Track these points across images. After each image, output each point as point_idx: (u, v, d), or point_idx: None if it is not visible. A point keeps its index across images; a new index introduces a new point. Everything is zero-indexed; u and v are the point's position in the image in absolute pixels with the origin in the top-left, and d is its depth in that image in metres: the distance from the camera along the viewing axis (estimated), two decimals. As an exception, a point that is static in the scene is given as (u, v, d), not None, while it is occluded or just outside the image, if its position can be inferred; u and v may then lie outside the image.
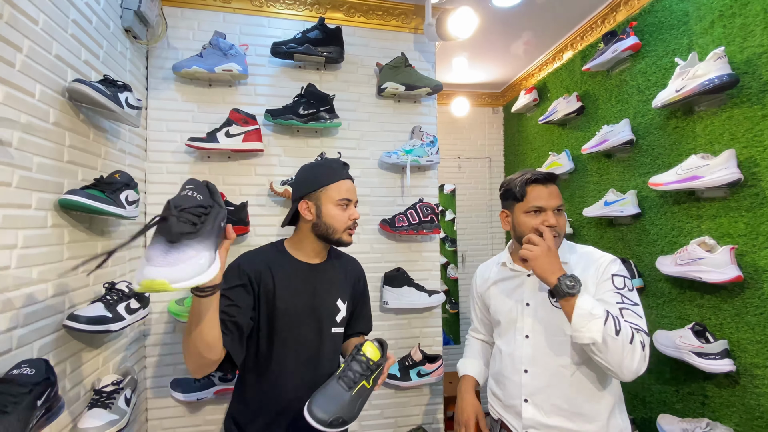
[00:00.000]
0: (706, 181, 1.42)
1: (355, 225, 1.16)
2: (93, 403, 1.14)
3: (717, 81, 1.36)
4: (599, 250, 1.18)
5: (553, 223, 1.11)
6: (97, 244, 1.24)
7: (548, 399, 1.09)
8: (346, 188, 1.14)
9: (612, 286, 1.05)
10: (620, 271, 1.09)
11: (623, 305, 1.02)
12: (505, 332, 1.22)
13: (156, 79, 1.66)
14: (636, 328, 0.98)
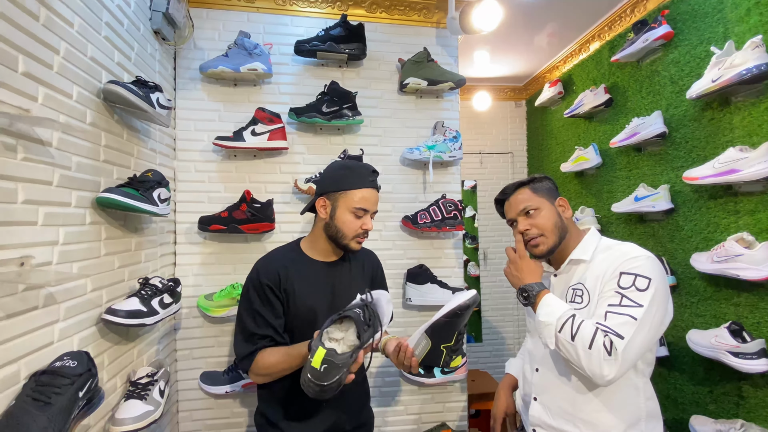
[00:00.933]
0: (744, 175, 1.35)
1: (366, 235, 1.15)
2: (129, 395, 1.17)
3: (755, 70, 1.30)
4: (633, 245, 1.06)
5: (521, 228, 1.12)
6: (131, 241, 1.29)
7: (554, 400, 1.08)
8: (366, 197, 1.12)
9: (616, 284, 0.96)
10: (635, 268, 0.96)
11: (616, 307, 0.93)
12: (532, 330, 1.21)
13: (183, 80, 1.70)
14: (605, 331, 0.90)
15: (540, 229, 1.09)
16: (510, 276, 1.12)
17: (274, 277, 1.10)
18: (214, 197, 1.69)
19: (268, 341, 1.08)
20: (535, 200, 1.11)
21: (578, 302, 1.04)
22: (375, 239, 1.85)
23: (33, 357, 0.85)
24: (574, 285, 1.07)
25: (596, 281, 1.02)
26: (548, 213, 1.10)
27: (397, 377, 1.84)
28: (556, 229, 1.09)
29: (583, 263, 1.09)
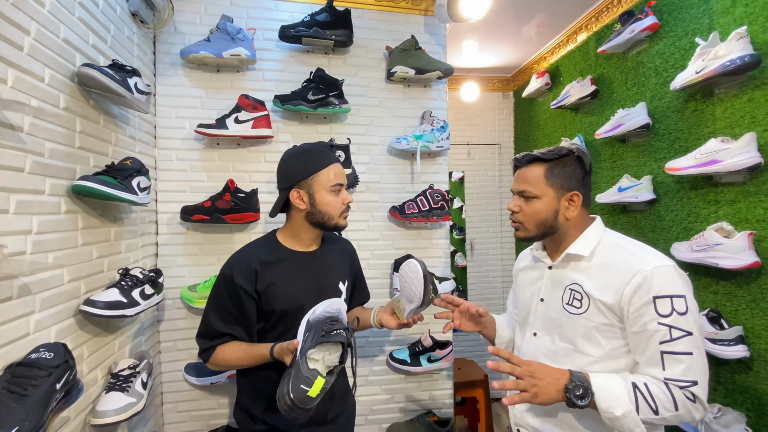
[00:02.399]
0: (725, 165, 1.38)
1: (349, 208, 1.16)
2: (110, 387, 1.16)
3: (739, 62, 1.32)
4: (646, 246, 0.96)
5: (510, 207, 1.05)
6: (110, 231, 1.25)
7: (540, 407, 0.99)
8: (338, 172, 1.13)
9: (655, 313, 0.84)
10: (664, 288, 0.85)
11: (669, 344, 0.83)
12: (521, 325, 1.14)
13: (163, 65, 1.64)
14: (680, 385, 0.82)
15: (525, 218, 1.01)
16: (536, 389, 0.85)
17: (250, 277, 1.07)
18: (196, 186, 1.66)
19: (230, 338, 1.08)
20: (539, 187, 0.98)
21: (576, 306, 0.95)
22: (362, 229, 1.84)
23: (8, 349, 0.82)
24: (571, 285, 0.97)
25: (600, 287, 0.92)
26: (545, 207, 0.98)
27: (384, 366, 1.85)
28: (541, 225, 1.00)
29: (582, 260, 0.98)
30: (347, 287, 1.24)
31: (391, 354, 1.82)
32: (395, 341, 1.87)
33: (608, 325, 0.91)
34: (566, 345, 0.97)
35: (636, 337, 0.88)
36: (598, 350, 0.93)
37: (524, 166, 1.03)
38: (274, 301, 1.08)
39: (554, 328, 1.00)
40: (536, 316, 1.06)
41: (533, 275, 1.11)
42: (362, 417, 1.82)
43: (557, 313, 1.00)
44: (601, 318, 0.91)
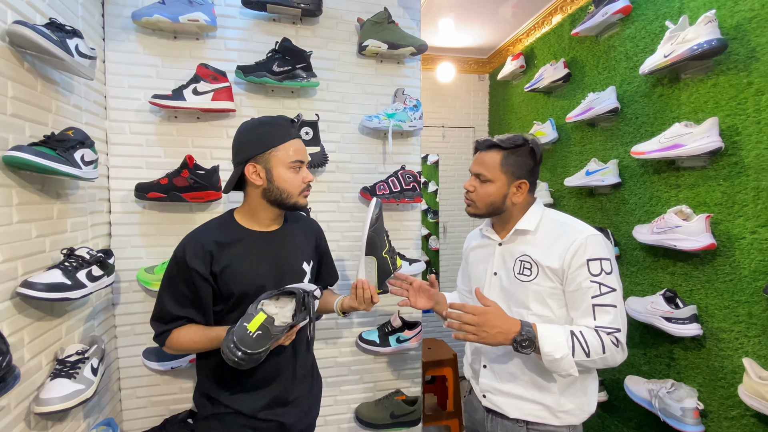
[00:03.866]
0: (687, 150, 1.41)
1: (309, 187, 1.11)
2: (56, 373, 1.09)
3: (706, 46, 1.33)
4: (579, 221, 1.11)
5: (465, 186, 1.16)
6: (52, 208, 1.15)
7: (504, 366, 1.11)
8: (299, 148, 1.08)
9: (587, 273, 1.00)
10: (595, 252, 1.01)
11: (599, 298, 0.99)
12: (474, 299, 1.21)
13: (114, 29, 1.51)
14: (606, 331, 0.98)
15: (478, 198, 1.13)
16: (485, 335, 0.98)
17: (204, 259, 1.01)
18: (152, 162, 1.55)
19: (185, 321, 1.03)
20: (494, 173, 1.10)
21: (527, 275, 1.08)
22: (332, 210, 1.80)
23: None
24: (521, 257, 1.10)
25: (546, 255, 1.06)
26: (495, 190, 1.11)
27: (353, 347, 1.84)
28: (490, 206, 1.13)
29: (528, 234, 1.11)
30: (312, 268, 1.20)
31: (361, 335, 1.81)
32: (365, 322, 1.85)
33: (554, 288, 1.05)
34: (521, 310, 1.09)
35: (572, 295, 1.03)
36: (549, 312, 1.06)
37: (484, 150, 1.14)
38: (232, 283, 1.03)
39: (508, 297, 1.12)
40: (491, 289, 1.16)
41: (484, 253, 1.22)
42: (331, 398, 1.81)
43: (509, 283, 1.11)
44: (549, 282, 1.05)
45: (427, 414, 2.37)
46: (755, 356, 1.27)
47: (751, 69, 1.29)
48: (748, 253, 1.30)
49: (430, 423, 2.41)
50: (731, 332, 1.35)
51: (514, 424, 1.10)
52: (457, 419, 2.41)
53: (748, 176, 1.30)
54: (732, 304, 1.35)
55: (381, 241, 1.05)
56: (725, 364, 1.37)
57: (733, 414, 1.34)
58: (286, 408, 1.11)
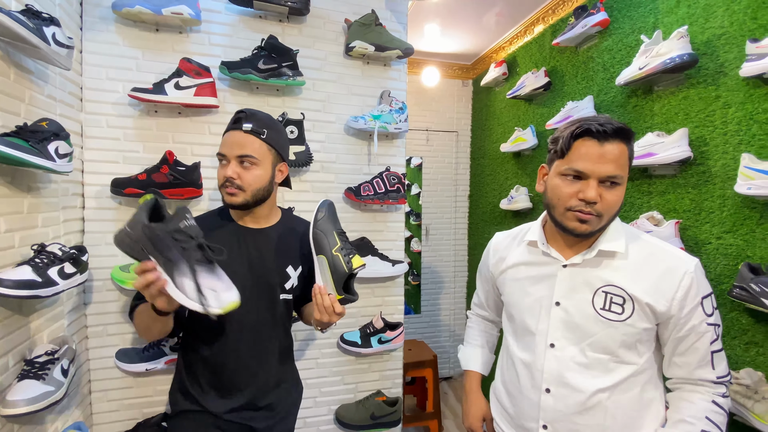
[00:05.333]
0: (659, 158, 1.48)
1: (231, 185, 1.00)
2: (24, 374, 1.04)
3: (678, 60, 1.40)
4: (664, 243, 0.89)
5: (591, 197, 0.80)
6: (22, 202, 1.10)
7: (574, 428, 0.87)
8: (224, 141, 1.03)
9: (703, 314, 0.81)
10: (707, 287, 0.83)
11: (716, 343, 0.82)
12: (522, 334, 0.96)
13: (92, 18, 1.46)
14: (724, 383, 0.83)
15: (606, 208, 0.82)
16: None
17: None
18: (130, 157, 1.50)
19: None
20: (625, 171, 0.82)
21: (617, 312, 0.83)
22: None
23: None
24: (605, 287, 0.85)
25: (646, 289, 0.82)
26: (622, 194, 0.84)
27: (335, 348, 1.83)
28: (613, 217, 0.85)
29: (616, 257, 0.86)
30: (301, 274, 1.14)
31: (342, 336, 1.80)
32: (346, 323, 1.85)
33: (649, 332, 0.84)
34: (601, 356, 0.86)
35: (682, 341, 0.83)
36: (637, 359, 0.85)
37: (606, 140, 0.79)
38: None
39: (580, 338, 0.87)
40: (551, 324, 0.90)
41: (536, 273, 0.95)
42: (311, 399, 1.80)
43: (583, 317, 0.86)
44: (645, 323, 0.83)
45: (407, 415, 2.38)
46: (719, 356, 1.34)
47: (720, 83, 1.37)
48: (714, 258, 1.37)
49: (410, 424, 2.42)
50: (698, 333, 1.42)
51: None
52: (437, 420, 2.43)
53: (714, 185, 1.38)
54: (699, 306, 1.42)
55: (331, 239, 0.98)
56: (692, 364, 1.44)
57: (698, 411, 1.41)
58: (258, 412, 1.09)
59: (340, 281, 0.97)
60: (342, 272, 0.96)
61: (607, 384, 0.85)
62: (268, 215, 1.12)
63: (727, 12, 1.34)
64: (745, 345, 1.27)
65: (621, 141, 0.81)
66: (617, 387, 0.85)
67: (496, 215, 2.84)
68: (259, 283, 1.06)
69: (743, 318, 1.28)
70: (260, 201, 1.06)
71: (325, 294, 0.95)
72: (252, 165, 1.01)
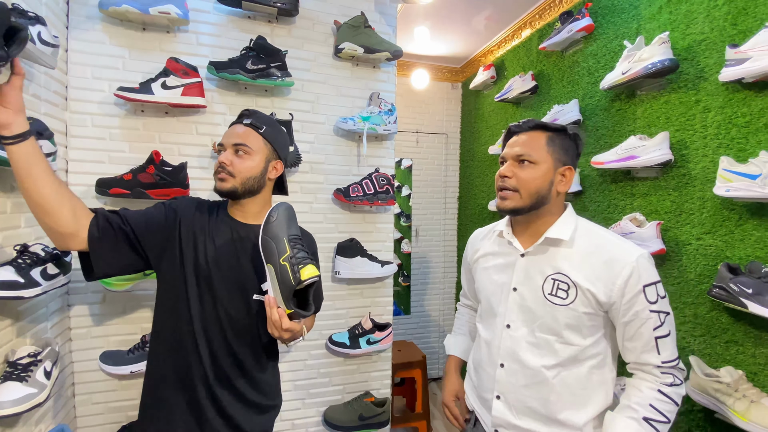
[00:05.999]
0: (641, 161, 1.51)
1: (223, 170, 1.02)
2: (6, 376, 1.02)
3: (659, 65, 1.43)
4: (611, 233, 0.98)
5: (503, 172, 0.97)
6: (5, 202, 1.09)
7: (522, 400, 0.97)
8: (227, 132, 1.07)
9: (645, 302, 0.87)
10: (650, 276, 0.89)
11: (660, 329, 0.88)
12: (486, 316, 1.08)
13: (78, 17, 1.44)
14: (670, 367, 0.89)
15: (521, 184, 0.95)
16: None
17: (186, 212, 1.05)
18: (116, 157, 1.49)
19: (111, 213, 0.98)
20: (540, 153, 0.94)
21: (562, 297, 0.92)
22: (305, 211, 1.79)
23: None
24: (554, 275, 0.94)
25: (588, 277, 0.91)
26: (542, 174, 0.94)
27: (323, 350, 1.83)
28: (535, 194, 0.95)
29: (562, 245, 0.95)
30: None
31: (331, 337, 1.80)
32: (335, 325, 1.85)
33: (592, 315, 0.92)
34: (548, 336, 0.95)
35: (627, 326, 0.90)
36: (581, 340, 0.93)
37: (525, 131, 0.98)
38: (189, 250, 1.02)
39: (531, 320, 0.97)
40: (508, 307, 1.01)
41: (501, 262, 1.05)
42: (299, 401, 1.79)
43: (536, 302, 0.96)
44: (587, 308, 0.91)
45: (396, 416, 2.38)
46: (701, 354, 1.37)
47: (700, 88, 1.41)
48: (694, 258, 1.41)
49: (399, 425, 2.42)
50: (679, 332, 1.45)
51: None
52: (426, 421, 2.44)
53: (694, 187, 1.41)
54: (679, 306, 1.45)
55: (280, 246, 0.91)
56: (673, 362, 1.47)
57: (681, 409, 1.43)
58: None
59: (288, 293, 0.89)
60: (289, 284, 0.88)
61: (552, 362, 0.94)
62: (258, 213, 1.09)
63: (708, 18, 1.38)
64: (725, 344, 1.30)
65: (533, 130, 0.97)
66: (561, 365, 0.94)
67: (484, 216, 2.87)
68: (233, 279, 1.04)
69: (723, 317, 1.31)
70: (249, 192, 1.05)
71: (274, 307, 0.89)
72: (246, 154, 1.03)
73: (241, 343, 1.04)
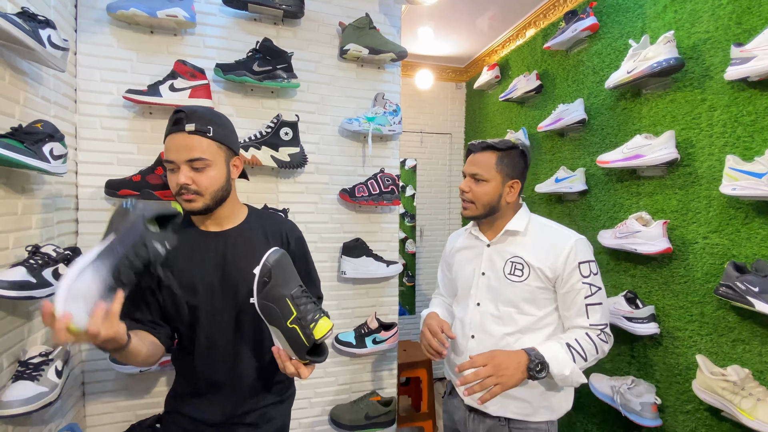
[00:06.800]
0: (647, 160, 1.51)
1: (186, 192, 0.93)
2: (18, 375, 1.04)
3: (664, 64, 1.43)
4: (558, 224, 1.19)
5: (462, 187, 1.18)
6: (17, 203, 1.11)
7: None
8: (168, 147, 0.94)
9: (579, 275, 1.08)
10: (585, 255, 1.10)
11: (590, 298, 1.07)
12: (462, 299, 1.25)
13: (87, 20, 1.46)
14: (596, 329, 1.07)
15: (475, 198, 1.16)
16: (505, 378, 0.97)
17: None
18: (124, 159, 1.51)
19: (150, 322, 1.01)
20: (490, 173, 1.14)
21: (518, 275, 1.13)
22: (311, 212, 1.80)
23: None
24: (512, 258, 1.14)
25: (537, 257, 1.11)
26: (491, 189, 1.15)
27: (330, 349, 1.84)
28: (487, 206, 1.16)
29: (518, 235, 1.16)
30: None
31: (337, 336, 1.81)
32: (341, 324, 1.86)
33: (543, 289, 1.11)
34: (510, 309, 1.13)
35: (565, 296, 1.10)
36: (536, 311, 1.12)
37: (479, 151, 1.17)
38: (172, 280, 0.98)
39: (496, 296, 1.15)
40: (478, 288, 1.19)
41: (471, 254, 1.25)
42: (306, 400, 1.80)
43: (498, 282, 1.15)
44: (539, 283, 1.11)
45: (402, 415, 2.39)
46: (707, 353, 1.37)
47: (705, 86, 1.40)
48: (700, 257, 1.40)
49: (405, 424, 2.43)
50: (686, 331, 1.45)
51: (496, 422, 1.13)
52: (431, 420, 2.44)
53: (701, 185, 1.41)
54: (686, 305, 1.45)
55: (284, 308, 0.83)
56: (680, 361, 1.47)
57: (688, 408, 1.43)
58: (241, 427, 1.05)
59: (302, 352, 0.84)
60: (301, 345, 0.83)
61: (512, 330, 1.13)
62: (231, 215, 1.05)
63: (713, 17, 1.38)
64: (732, 342, 1.30)
65: (484, 151, 1.16)
66: (521, 332, 1.12)
67: (489, 216, 2.87)
68: (225, 289, 1.00)
69: (729, 316, 1.31)
70: (220, 202, 0.99)
71: (286, 359, 0.87)
72: (205, 167, 0.93)
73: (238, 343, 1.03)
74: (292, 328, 0.83)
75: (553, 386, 1.12)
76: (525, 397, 1.11)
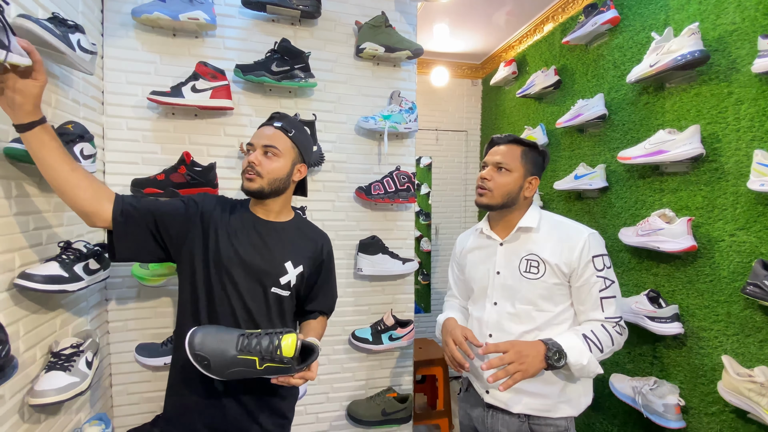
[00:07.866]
0: (671, 155, 1.47)
1: (252, 170, 1.06)
2: (51, 366, 1.08)
3: (689, 56, 1.39)
4: (569, 219, 1.20)
5: (483, 174, 1.18)
6: (50, 201, 1.16)
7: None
8: (256, 134, 1.12)
9: (594, 269, 1.09)
10: (598, 249, 1.11)
11: (605, 291, 1.09)
12: (478, 299, 1.25)
13: (113, 25, 1.51)
14: (612, 322, 1.09)
15: (496, 186, 1.16)
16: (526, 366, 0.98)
17: (208, 207, 1.10)
18: (149, 158, 1.56)
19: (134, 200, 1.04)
20: (515, 164, 1.16)
21: (534, 273, 1.13)
22: (327, 209, 1.82)
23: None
24: (527, 256, 1.14)
25: (552, 253, 1.11)
26: (513, 180, 1.16)
27: (346, 345, 1.86)
28: (506, 196, 1.16)
29: (531, 231, 1.17)
30: (300, 274, 1.12)
31: (354, 333, 1.83)
32: (357, 321, 1.88)
33: (559, 284, 1.12)
34: (526, 306, 1.13)
35: (580, 290, 1.11)
36: (553, 307, 1.12)
37: (505, 143, 1.19)
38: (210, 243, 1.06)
39: (512, 295, 1.15)
40: (494, 288, 1.19)
41: (484, 254, 1.25)
42: (323, 395, 1.83)
43: (514, 280, 1.15)
44: (555, 279, 1.11)
45: (417, 413, 2.39)
46: (733, 354, 1.33)
47: (732, 79, 1.36)
48: (727, 255, 1.36)
49: (421, 422, 2.43)
50: (711, 331, 1.41)
51: (515, 418, 1.13)
52: (447, 418, 2.44)
53: (727, 182, 1.37)
54: (712, 304, 1.41)
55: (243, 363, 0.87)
56: (705, 362, 1.43)
57: (713, 410, 1.40)
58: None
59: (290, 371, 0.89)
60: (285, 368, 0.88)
61: (530, 327, 1.12)
62: (280, 212, 1.15)
63: (739, 8, 1.33)
64: (759, 343, 1.26)
65: (510, 144, 1.18)
66: (538, 329, 1.12)
67: (506, 214, 2.84)
68: (253, 272, 1.07)
69: (757, 316, 1.27)
70: (275, 192, 1.10)
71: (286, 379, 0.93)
72: (274, 156, 1.08)
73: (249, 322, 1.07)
74: (266, 368, 0.87)
75: (571, 380, 1.12)
76: (545, 393, 1.11)
